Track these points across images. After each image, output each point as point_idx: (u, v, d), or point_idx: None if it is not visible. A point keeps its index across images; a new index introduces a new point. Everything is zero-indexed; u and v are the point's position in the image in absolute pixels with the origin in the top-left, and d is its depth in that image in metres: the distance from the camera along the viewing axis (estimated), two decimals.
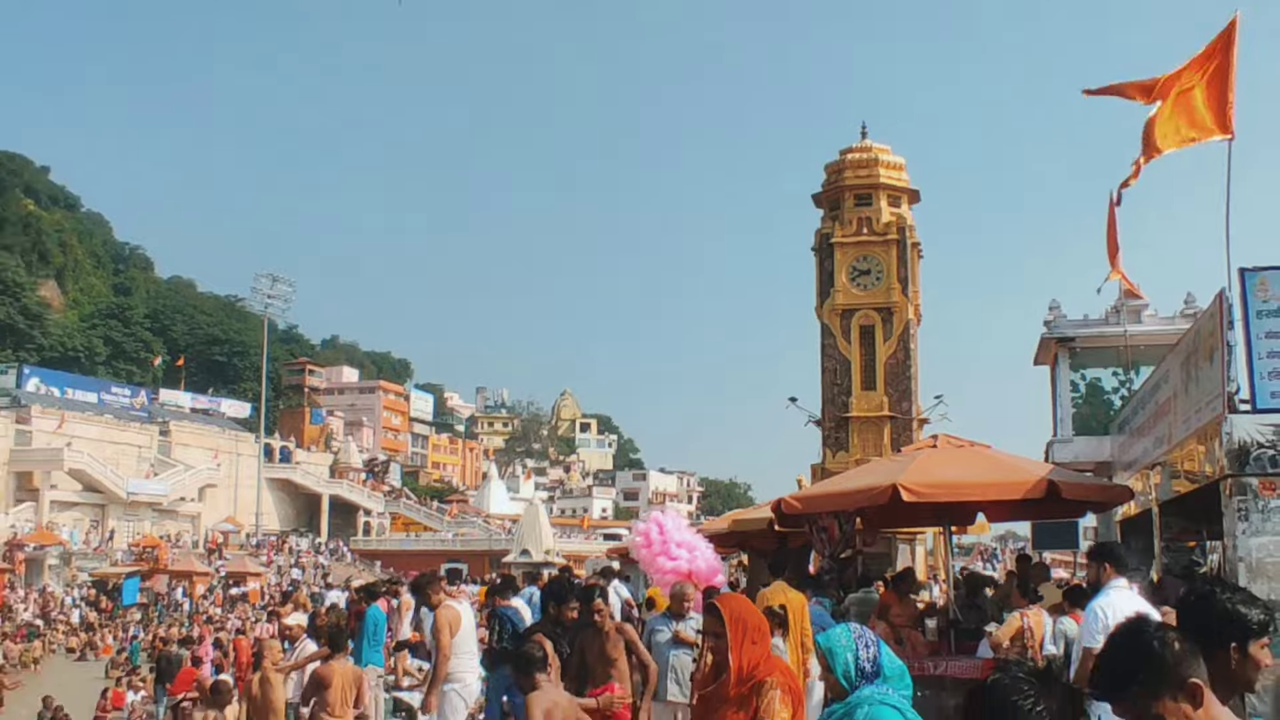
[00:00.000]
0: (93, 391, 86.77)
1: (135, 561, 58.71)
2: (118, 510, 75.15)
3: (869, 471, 14.06)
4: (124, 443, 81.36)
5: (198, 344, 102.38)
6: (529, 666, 5.84)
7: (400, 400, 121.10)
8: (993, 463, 12.42)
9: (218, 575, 58.75)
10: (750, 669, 4.72)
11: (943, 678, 9.89)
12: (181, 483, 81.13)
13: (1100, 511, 16.48)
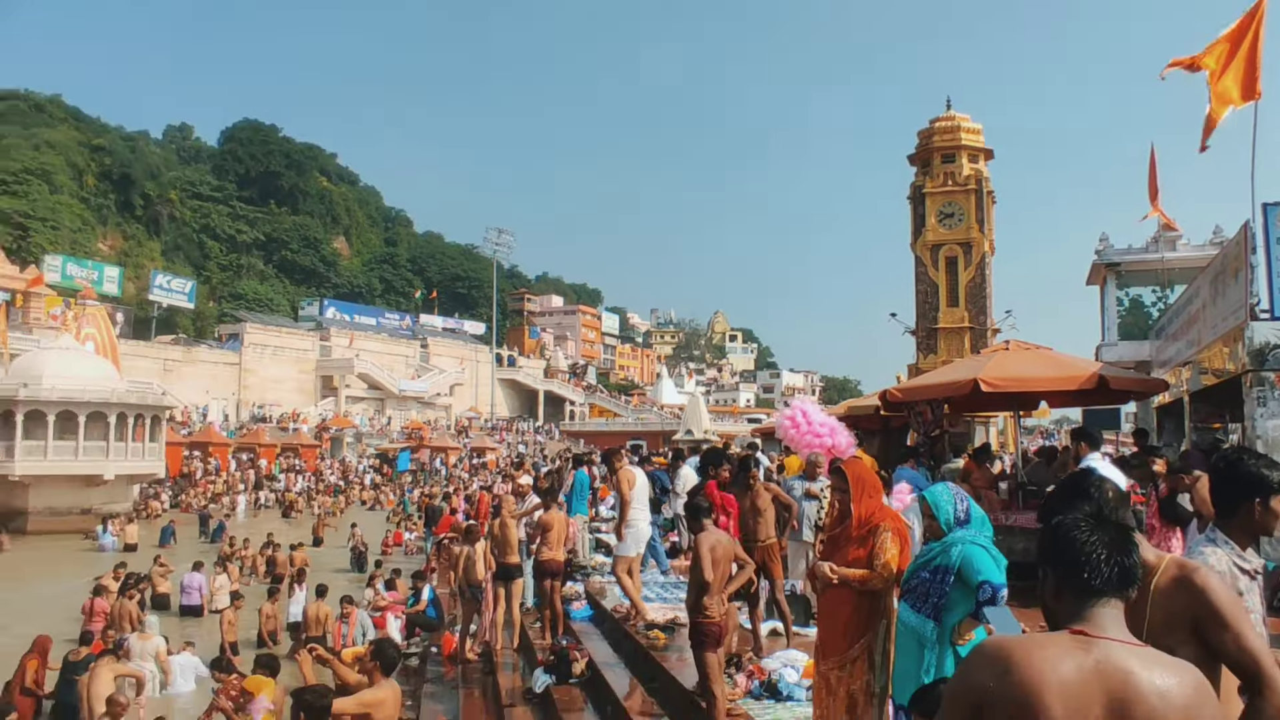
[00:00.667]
0: (372, 317, 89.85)
1: (406, 440, 61.08)
2: (393, 403, 78.04)
3: (954, 369, 13.86)
4: (395, 354, 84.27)
5: (446, 280, 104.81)
6: (698, 513, 5.89)
7: (594, 320, 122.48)
8: (1053, 361, 12.19)
9: (465, 449, 60.69)
10: (868, 516, 4.72)
11: (1012, 527, 9.87)
12: (437, 382, 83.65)
13: (1140, 400, 15.88)
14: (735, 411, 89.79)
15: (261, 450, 49.09)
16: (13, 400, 30.12)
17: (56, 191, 74.02)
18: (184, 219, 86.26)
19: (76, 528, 29.42)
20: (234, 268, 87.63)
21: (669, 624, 9.14)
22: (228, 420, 62.52)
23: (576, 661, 9.02)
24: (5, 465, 30.03)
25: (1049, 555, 2.14)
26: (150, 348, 67.64)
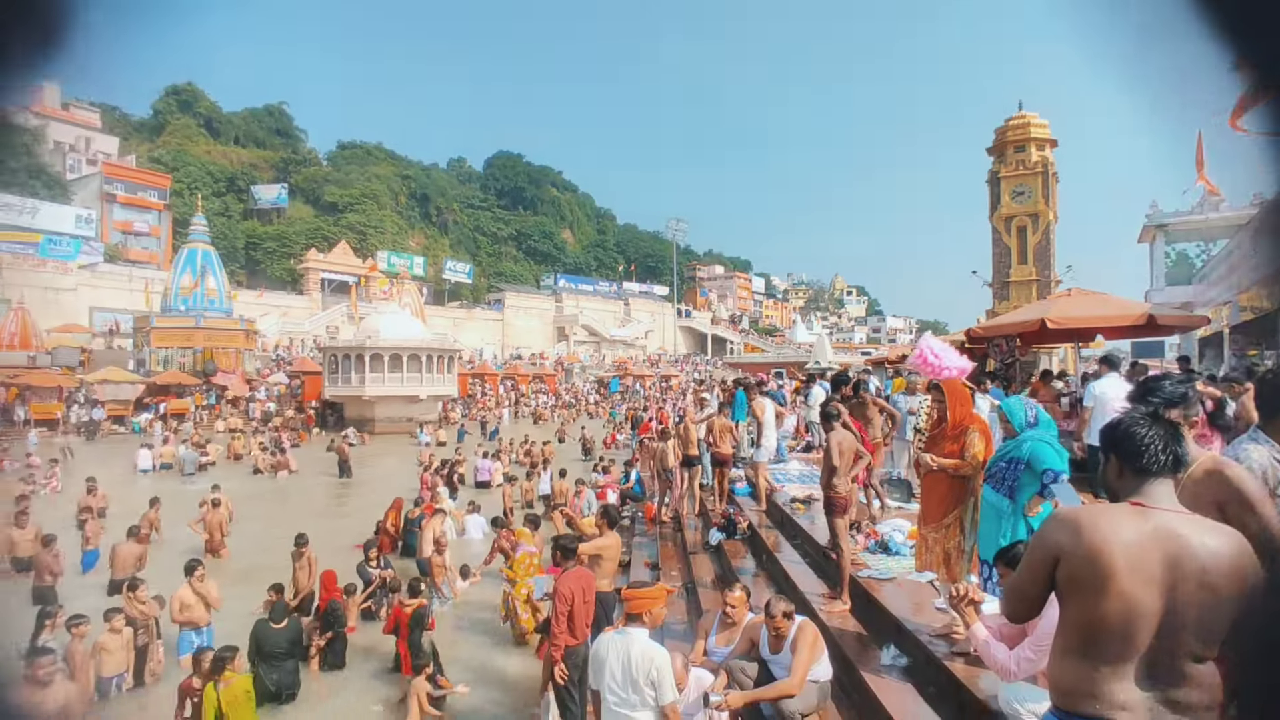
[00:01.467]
0: (590, 285, 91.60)
1: (615, 370, 62.46)
2: (605, 345, 79.76)
3: (1025, 312, 12.91)
4: (607, 310, 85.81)
5: (640, 257, 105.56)
6: (829, 418, 5.81)
7: (746, 282, 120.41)
8: (1108, 303, 11.12)
9: (656, 376, 61.50)
10: (960, 420, 4.53)
11: (1072, 432, 9.14)
12: (635, 330, 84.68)
13: (1184, 333, 14.34)
14: (851, 347, 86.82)
15: (519, 378, 51.33)
16: (362, 347, 32.65)
17: (382, 208, 78.93)
18: (462, 223, 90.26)
19: (404, 430, 31.70)
20: (496, 255, 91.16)
21: (806, 498, 9.09)
22: (495, 359, 65.69)
23: (740, 523, 9.12)
24: (359, 389, 32.65)
25: (1114, 444, 2.03)
26: (444, 310, 71.65)
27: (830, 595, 5.89)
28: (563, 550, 5.56)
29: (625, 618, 4.02)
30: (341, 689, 7.14)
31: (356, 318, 46.68)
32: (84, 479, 14.98)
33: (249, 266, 67.32)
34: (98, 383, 30.78)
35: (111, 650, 6.71)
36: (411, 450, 25.85)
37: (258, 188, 72.77)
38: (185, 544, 11.81)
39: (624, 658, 3.82)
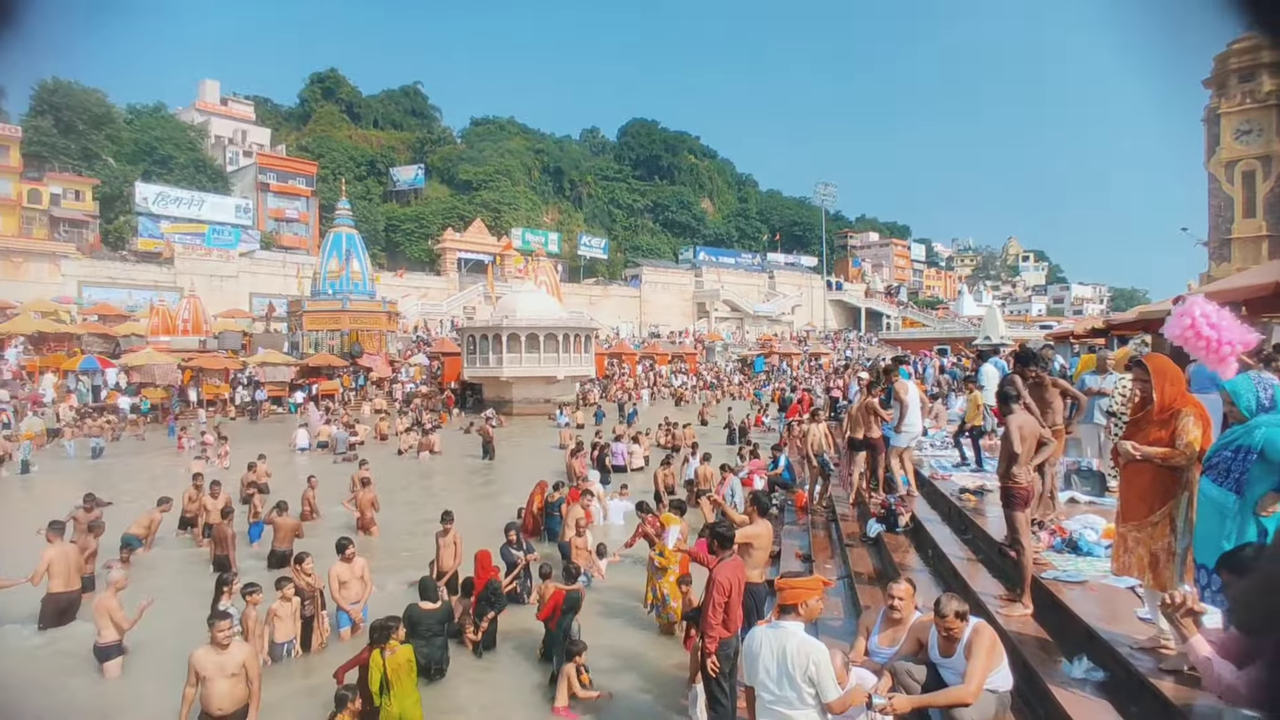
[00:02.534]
0: (731, 257, 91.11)
1: (760, 348, 61.87)
2: (749, 321, 79.15)
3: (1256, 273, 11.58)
4: (749, 284, 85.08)
5: (785, 225, 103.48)
6: (1007, 400, 5.52)
7: (904, 250, 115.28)
8: None
9: (804, 354, 60.41)
10: (1169, 402, 4.16)
11: None
12: (781, 304, 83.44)
13: None
14: (1027, 320, 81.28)
15: (658, 358, 51.93)
16: (499, 327, 34.16)
17: (515, 184, 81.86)
18: (597, 196, 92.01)
19: (541, 412, 33.00)
20: (632, 228, 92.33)
21: (978, 489, 8.69)
22: (633, 337, 66.74)
23: (902, 515, 8.85)
24: (497, 369, 34.24)
25: None
26: (580, 287, 73.52)
27: (1009, 597, 5.63)
28: (720, 538, 5.62)
29: (779, 610, 4.03)
30: (492, 669, 7.60)
31: (493, 297, 48.90)
32: (248, 456, 16.70)
33: (389, 249, 71.94)
34: (258, 365, 34.08)
35: (283, 617, 7.51)
36: (549, 432, 26.85)
37: (396, 170, 77.48)
38: (339, 520, 12.92)
39: (779, 652, 3.83)
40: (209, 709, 5.78)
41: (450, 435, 25.27)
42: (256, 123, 75.68)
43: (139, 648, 7.70)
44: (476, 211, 74.44)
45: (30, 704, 6.87)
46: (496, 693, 7.11)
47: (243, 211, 60.72)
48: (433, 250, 71.37)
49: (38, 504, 13.49)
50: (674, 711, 6.61)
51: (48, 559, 8.56)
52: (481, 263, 68.16)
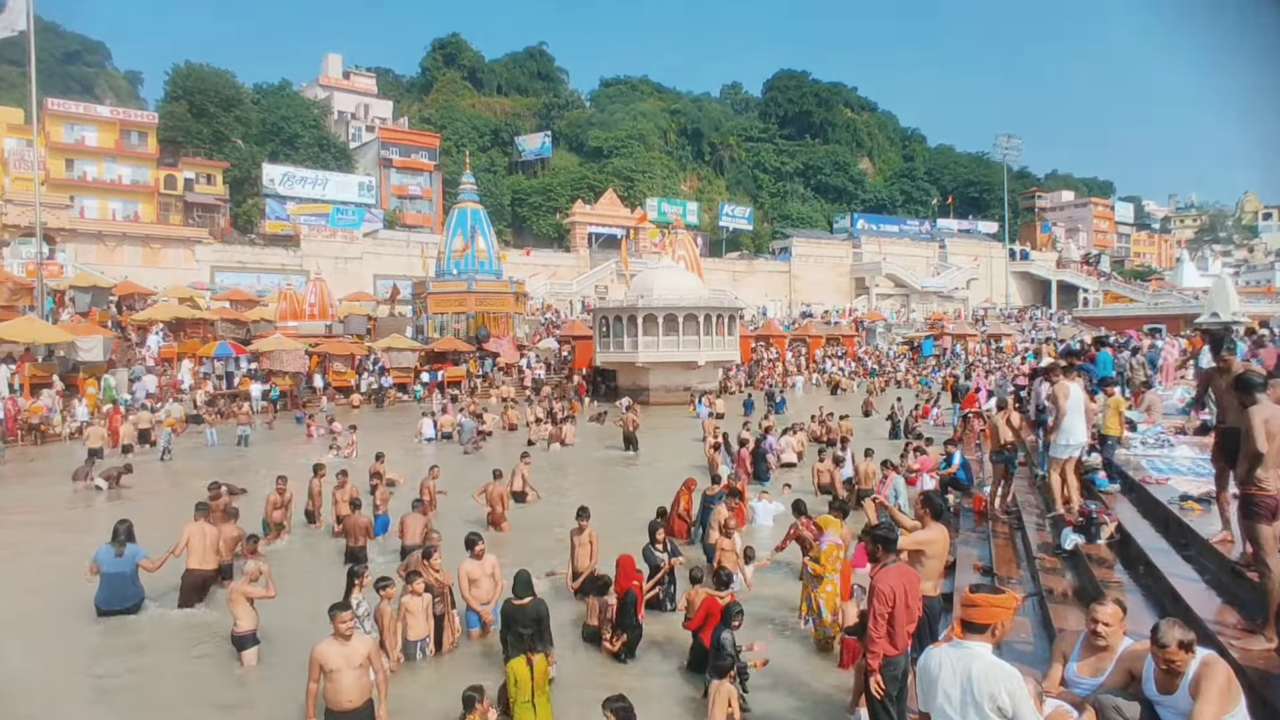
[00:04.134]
0: (895, 224, 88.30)
1: (929, 329, 59.71)
2: (915, 297, 76.58)
3: None
4: (916, 255, 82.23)
5: (959, 187, 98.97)
6: (1249, 388, 5.07)
7: (1106, 210, 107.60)
8: None
9: (982, 336, 57.85)
10: None
11: None
12: (954, 278, 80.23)
13: None
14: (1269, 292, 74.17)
15: (810, 340, 51.12)
16: (634, 308, 34.60)
17: (650, 149, 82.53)
18: (740, 159, 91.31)
19: (680, 401, 33.22)
20: (780, 194, 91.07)
21: (1204, 496, 8.05)
22: (782, 317, 65.99)
23: (1105, 525, 8.33)
24: (632, 354, 34.72)
25: None
26: (722, 262, 73.45)
27: (1247, 627, 5.19)
28: (881, 541, 5.51)
29: (962, 627, 3.90)
30: (633, 679, 7.76)
31: (627, 275, 49.59)
32: (376, 445, 17.79)
33: (515, 224, 74.42)
34: (383, 350, 36.19)
35: (415, 613, 7.98)
36: (689, 423, 27.00)
37: (521, 138, 79.88)
38: (469, 514, 13.55)
39: (963, 676, 3.71)
40: (336, 703, 6.18)
41: (582, 426, 25.89)
42: (378, 95, 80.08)
43: (275, 638, 8.40)
44: (608, 181, 75.65)
45: (176, 689, 7.67)
46: (640, 705, 7.26)
47: (366, 189, 64.46)
48: (561, 225, 73.22)
49: (179, 489, 14.93)
50: None
51: (187, 534, 9.74)
52: (614, 237, 69.32)
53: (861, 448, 16.22)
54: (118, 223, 53.07)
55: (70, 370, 27.71)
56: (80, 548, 9.74)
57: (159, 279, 45.80)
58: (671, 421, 28.37)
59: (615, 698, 5.71)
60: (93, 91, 72.81)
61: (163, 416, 24.76)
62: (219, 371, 32.65)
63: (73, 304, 35.14)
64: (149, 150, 57.13)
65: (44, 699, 7.48)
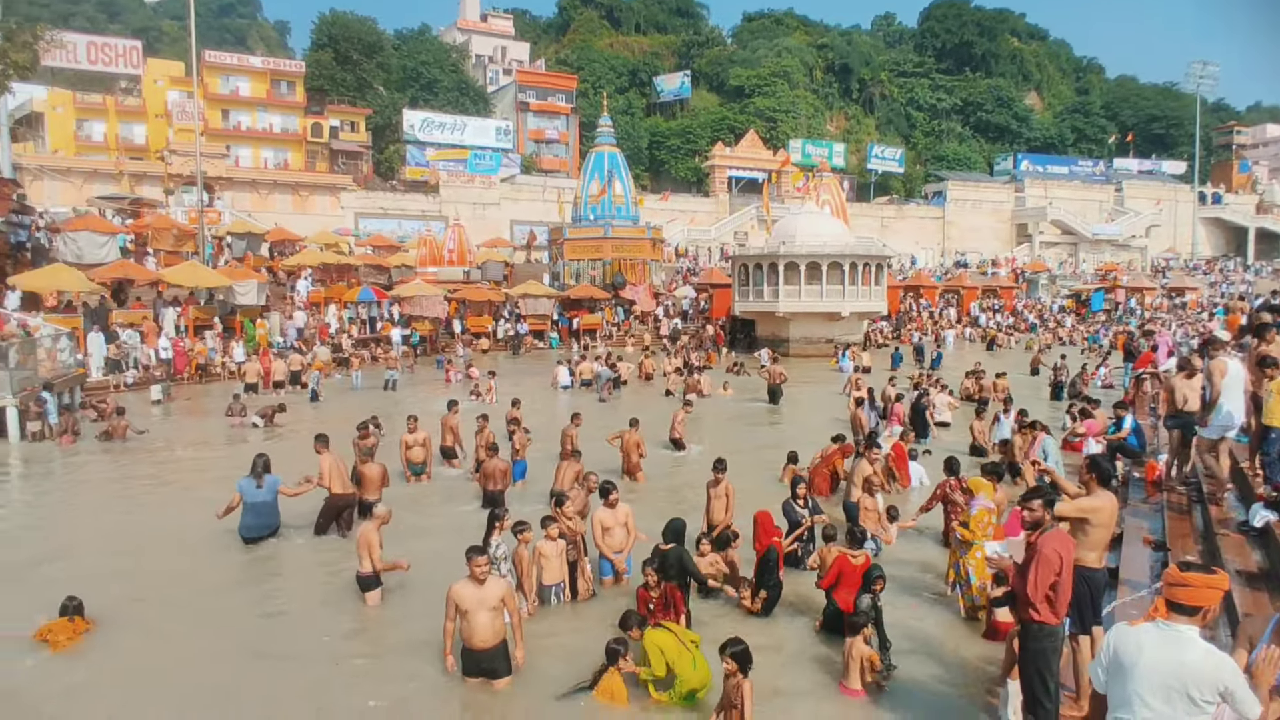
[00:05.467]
0: (1064, 165, 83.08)
1: (1099, 281, 56.19)
2: (1085, 246, 72.19)
3: None
4: (1088, 199, 77.21)
5: (1141, 122, 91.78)
6: None
7: None
8: None
9: (1162, 290, 54.01)
10: None
11: None
12: (1131, 224, 74.96)
13: None
14: None
15: (965, 292, 49.13)
16: (776, 255, 34.09)
17: (794, 87, 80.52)
18: (892, 96, 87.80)
19: (822, 353, 32.70)
20: (935, 133, 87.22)
21: None
22: (934, 267, 63.66)
23: None
24: (772, 304, 34.33)
25: None
26: (870, 208, 71.37)
27: None
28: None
29: (1169, 608, 3.69)
30: (766, 636, 7.82)
31: (768, 221, 48.97)
32: (512, 392, 18.45)
33: (653, 168, 74.41)
34: (520, 297, 37.21)
35: (550, 558, 8.29)
36: (831, 377, 26.59)
37: (660, 79, 79.44)
38: (604, 464, 13.86)
39: (1173, 663, 3.53)
40: (470, 642, 6.60)
41: (718, 377, 25.91)
42: (515, 37, 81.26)
43: (409, 576, 8.92)
44: (749, 122, 74.41)
45: (305, 617, 8.28)
46: (773, 661, 7.34)
47: (503, 134, 65.86)
48: (700, 168, 72.71)
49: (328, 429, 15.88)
50: (979, 709, 6.43)
51: (326, 465, 10.65)
52: (755, 181, 68.36)
53: (1015, 409, 15.54)
54: (269, 170, 56.44)
55: (228, 313, 29.88)
56: (236, 480, 10.68)
57: (307, 225, 48.52)
58: (812, 375, 27.99)
59: (733, 640, 5.83)
60: (245, 43, 77.30)
61: (310, 360, 26.43)
62: (362, 316, 34.46)
63: (229, 250, 37.75)
64: (297, 99, 60.22)
65: (190, 618, 8.22)
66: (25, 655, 7.30)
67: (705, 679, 6.43)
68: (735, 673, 5.66)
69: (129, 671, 7.10)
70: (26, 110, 51.63)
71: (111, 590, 8.60)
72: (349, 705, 6.49)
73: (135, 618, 8.12)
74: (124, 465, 15.42)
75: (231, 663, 7.23)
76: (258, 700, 6.60)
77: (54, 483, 14.29)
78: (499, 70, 77.31)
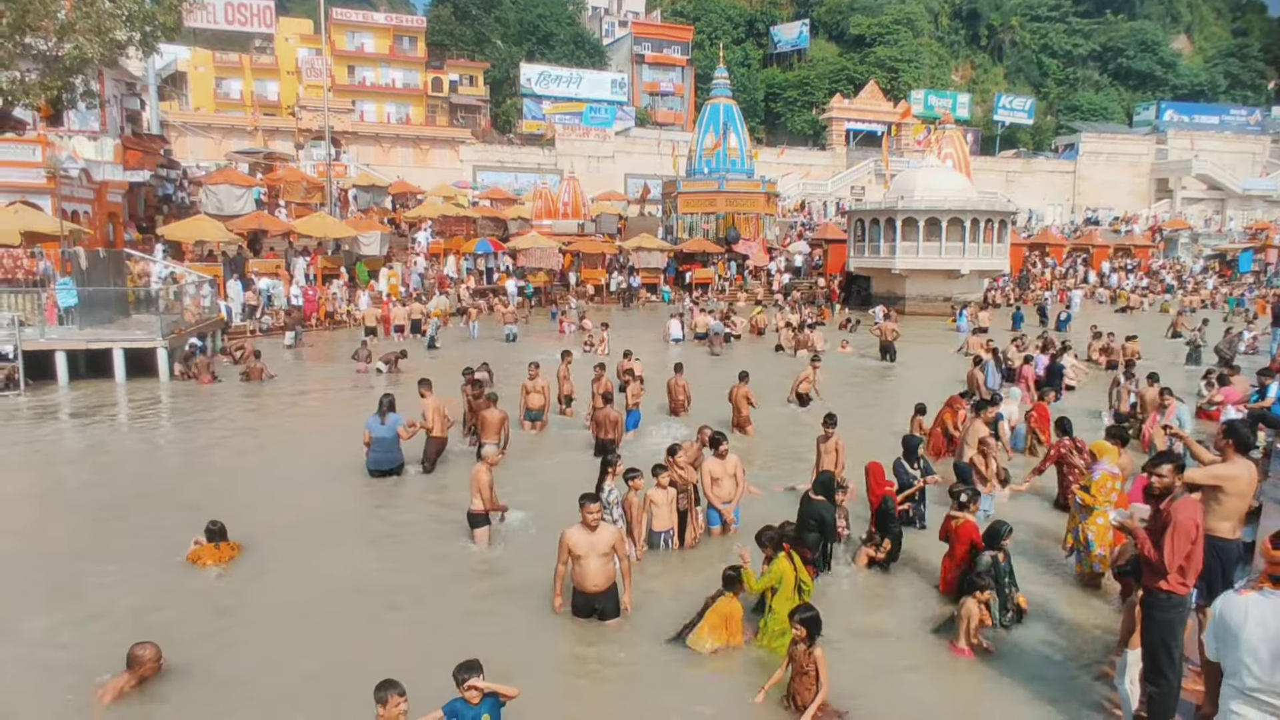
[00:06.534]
0: (1214, 115, 77.34)
1: (1249, 240, 52.41)
2: (1234, 202, 67.28)
3: None
4: (1240, 151, 71.75)
5: None
6: None
7: None
8: None
9: None
10: None
11: None
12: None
13: None
14: None
15: (1095, 251, 46.72)
16: (893, 210, 33.13)
17: (918, 35, 77.33)
18: (1023, 43, 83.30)
19: (939, 312, 31.77)
20: (1070, 81, 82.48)
21: None
22: (1063, 224, 60.65)
23: None
24: (889, 260, 33.47)
25: None
26: (995, 161, 68.36)
27: None
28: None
29: (1271, 580, 3.61)
30: (887, 591, 7.89)
31: (886, 175, 47.52)
32: (624, 344, 18.69)
33: (768, 121, 73.07)
34: (633, 250, 37.40)
35: (660, 505, 8.47)
36: (948, 337, 25.90)
37: (777, 29, 77.52)
38: (715, 415, 13.95)
39: (1277, 629, 3.45)
40: (582, 585, 6.86)
41: (834, 335, 25.57)
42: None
43: (526, 520, 9.32)
44: (869, 73, 72.01)
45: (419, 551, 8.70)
46: (889, 613, 7.38)
47: (618, 87, 65.72)
48: (817, 121, 71.00)
49: (446, 376, 16.51)
50: (1094, 679, 6.28)
51: (431, 408, 11.40)
52: (874, 134, 66.39)
53: (1146, 372, 14.80)
54: (392, 125, 58.09)
55: (354, 263, 31.13)
56: (362, 420, 11.36)
57: (427, 178, 49.85)
58: (929, 333, 27.29)
59: (803, 606, 5.84)
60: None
61: (431, 308, 27.34)
62: (480, 267, 35.33)
63: (355, 202, 39.18)
64: (418, 54, 61.52)
65: (315, 543, 8.77)
66: (182, 575, 7.98)
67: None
68: (804, 639, 5.59)
69: (266, 595, 7.67)
70: (171, 70, 54.49)
71: (254, 518, 9.26)
72: (459, 633, 6.80)
73: (275, 545, 8.74)
74: (261, 404, 16.46)
75: (348, 593, 7.71)
76: (372, 627, 7.04)
77: (200, 420, 15.32)
78: (614, 22, 76.91)
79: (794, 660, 5.64)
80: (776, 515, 8.08)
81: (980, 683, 6.31)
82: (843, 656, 6.33)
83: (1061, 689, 6.12)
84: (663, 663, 6.45)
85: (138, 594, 7.56)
